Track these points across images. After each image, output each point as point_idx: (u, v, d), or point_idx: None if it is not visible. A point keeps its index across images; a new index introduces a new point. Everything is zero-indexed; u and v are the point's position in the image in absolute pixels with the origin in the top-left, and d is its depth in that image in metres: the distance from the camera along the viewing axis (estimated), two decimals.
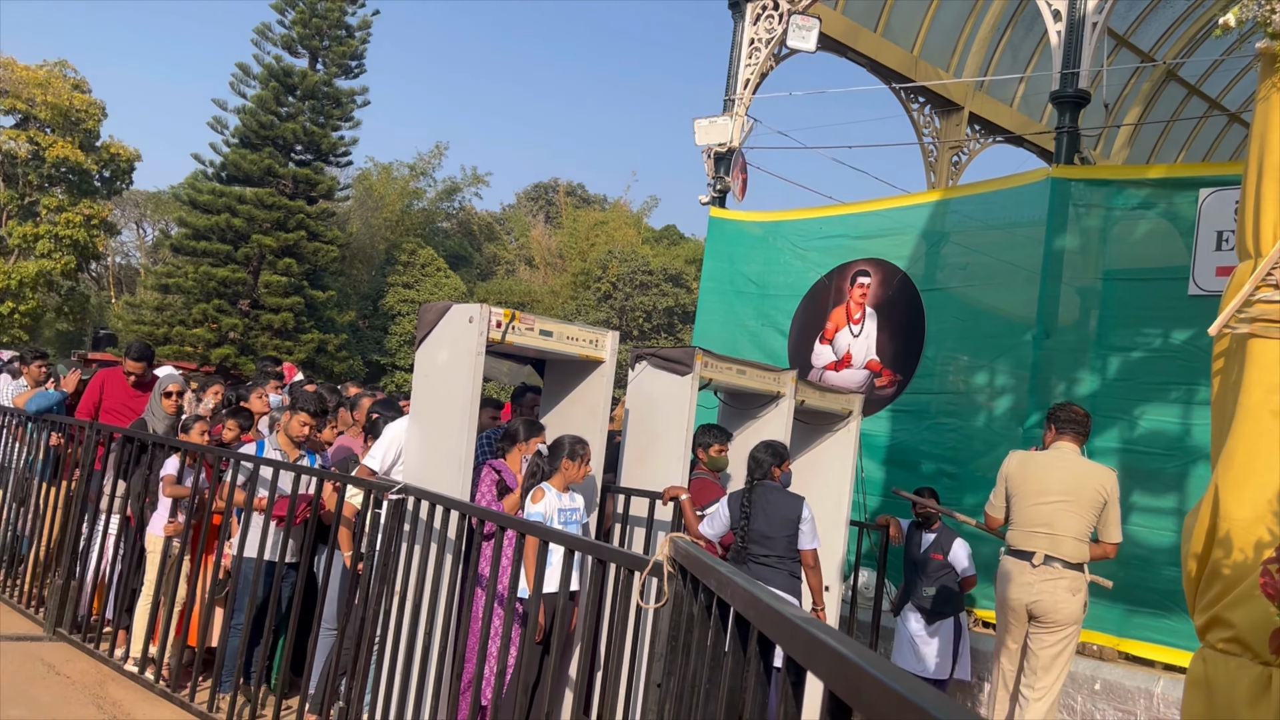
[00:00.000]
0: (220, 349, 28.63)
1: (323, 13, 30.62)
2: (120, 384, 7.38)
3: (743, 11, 9.98)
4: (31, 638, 6.34)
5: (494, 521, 4.16)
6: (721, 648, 2.03)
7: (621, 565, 3.03)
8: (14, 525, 7.40)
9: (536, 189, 60.87)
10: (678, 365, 5.97)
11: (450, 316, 5.24)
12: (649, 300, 39.66)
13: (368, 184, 42.87)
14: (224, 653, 5.42)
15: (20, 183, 36.95)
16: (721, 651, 2.02)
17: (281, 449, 5.88)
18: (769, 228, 9.88)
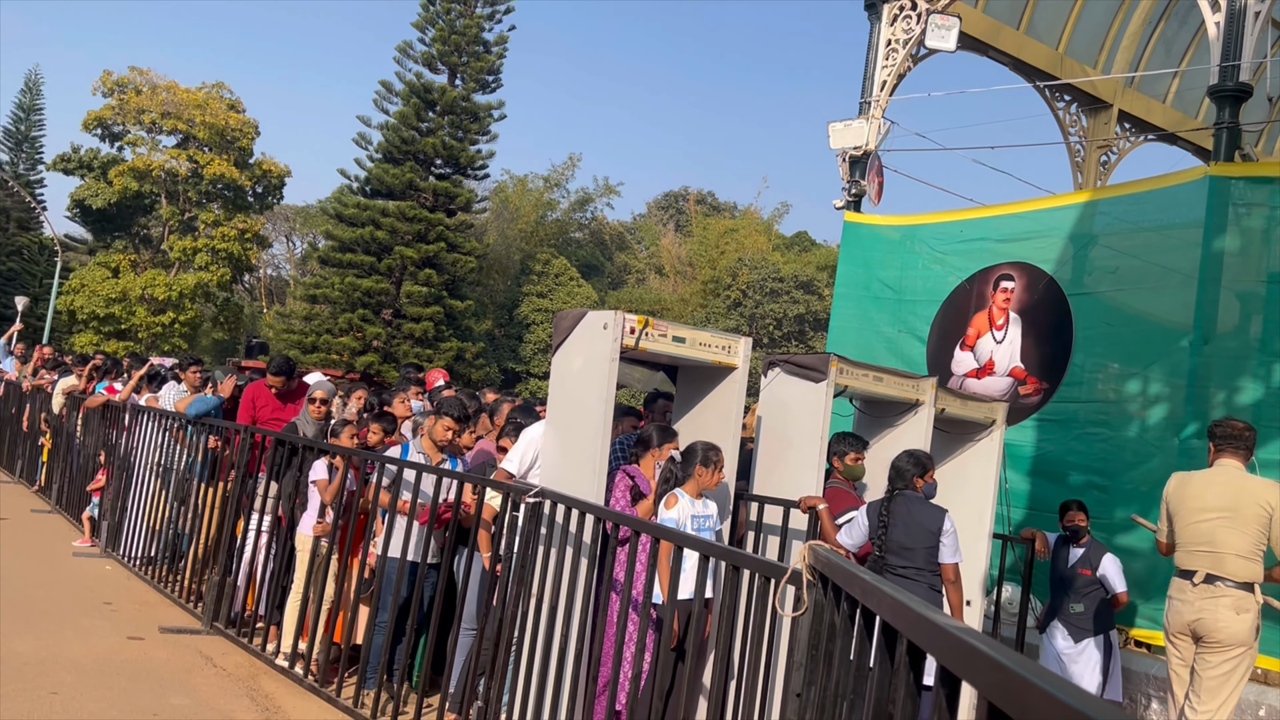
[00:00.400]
0: (364, 356, 29.67)
1: (461, 29, 31.48)
2: (268, 395, 7.72)
3: (879, 13, 9.80)
4: (190, 630, 6.67)
5: (629, 526, 4.17)
6: (867, 658, 1.98)
7: (758, 573, 2.99)
8: (175, 523, 7.82)
9: (667, 198, 61.16)
10: (812, 372, 5.89)
11: (585, 323, 5.30)
12: (779, 307, 39.32)
13: (504, 196, 43.82)
14: (368, 650, 5.59)
15: (181, 199, 39.18)
16: (866, 662, 1.97)
17: (425, 452, 6.04)
18: (906, 231, 9.66)
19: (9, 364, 16.01)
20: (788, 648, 3.32)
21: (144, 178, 38.01)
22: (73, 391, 10.82)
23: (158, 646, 6.19)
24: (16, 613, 6.47)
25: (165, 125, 37.92)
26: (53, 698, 4.98)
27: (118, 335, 36.45)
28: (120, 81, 38.54)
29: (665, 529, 4.12)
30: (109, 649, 5.97)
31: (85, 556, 8.72)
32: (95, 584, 7.68)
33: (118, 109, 38.49)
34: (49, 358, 13.85)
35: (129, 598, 7.37)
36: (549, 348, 38.25)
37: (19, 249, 46.87)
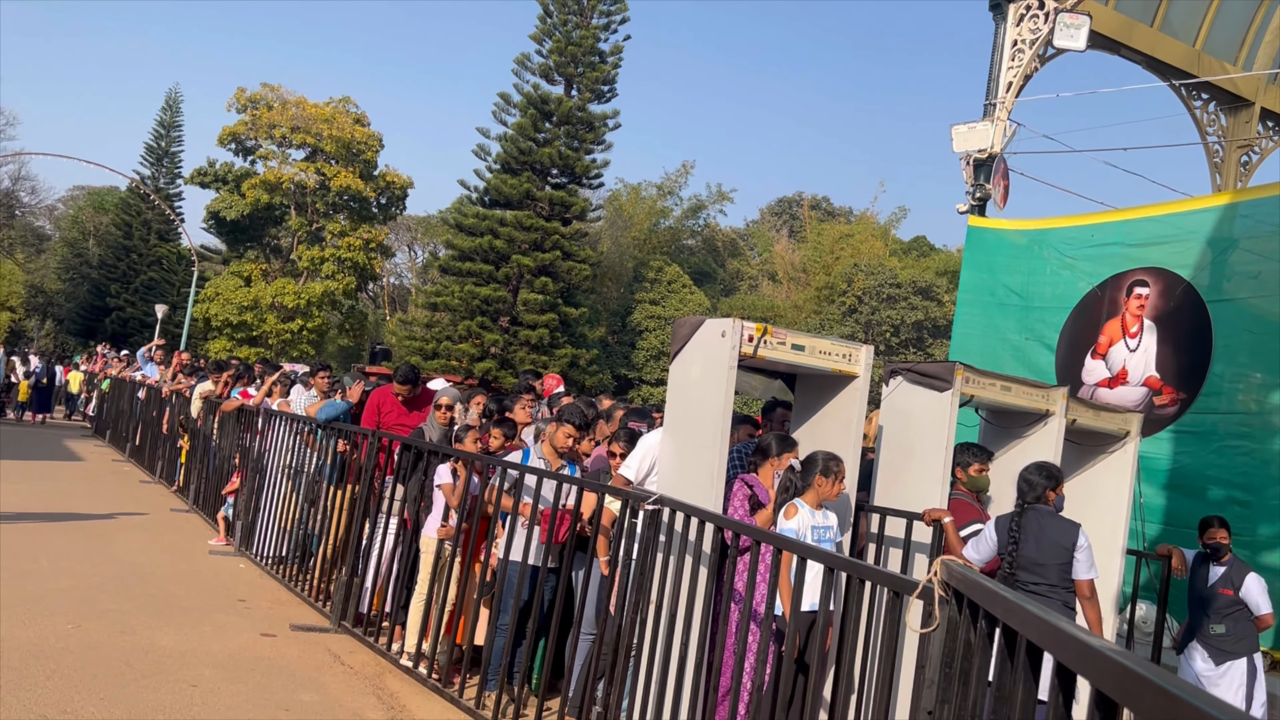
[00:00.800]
0: (482, 363, 30.25)
1: (578, 40, 31.87)
2: (393, 401, 7.93)
3: (1004, 13, 9.54)
4: (319, 629, 6.89)
5: (750, 535, 4.14)
6: (1009, 677, 1.90)
7: (887, 587, 2.92)
8: (305, 524, 8.09)
9: (780, 203, 60.76)
10: (937, 381, 5.75)
11: (703, 331, 5.28)
12: (897, 314, 38.60)
13: (617, 204, 44.17)
14: (489, 652, 5.68)
15: (309, 210, 40.67)
16: (1008, 682, 1.90)
17: (545, 458, 6.11)
18: (1034, 236, 9.37)
19: (151, 369, 16.86)
20: (915, 664, 3.24)
21: (275, 190, 39.59)
22: (209, 396, 11.32)
23: (289, 643, 6.41)
24: (159, 607, 6.79)
25: (295, 139, 39.45)
26: (192, 690, 5.20)
27: (249, 342, 38.00)
28: (253, 98, 40.24)
29: (789, 540, 4.07)
30: (243, 645, 6.21)
31: (220, 555, 9.10)
32: (230, 581, 8.00)
33: (250, 124, 40.19)
34: (187, 363, 14.52)
35: (261, 595, 7.66)
36: (661, 354, 38.49)
37: (159, 259, 49.30)
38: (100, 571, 7.62)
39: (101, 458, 16.67)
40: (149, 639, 5.98)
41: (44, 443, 18.21)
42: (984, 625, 2.10)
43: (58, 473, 13.72)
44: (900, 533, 5.71)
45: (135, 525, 10.07)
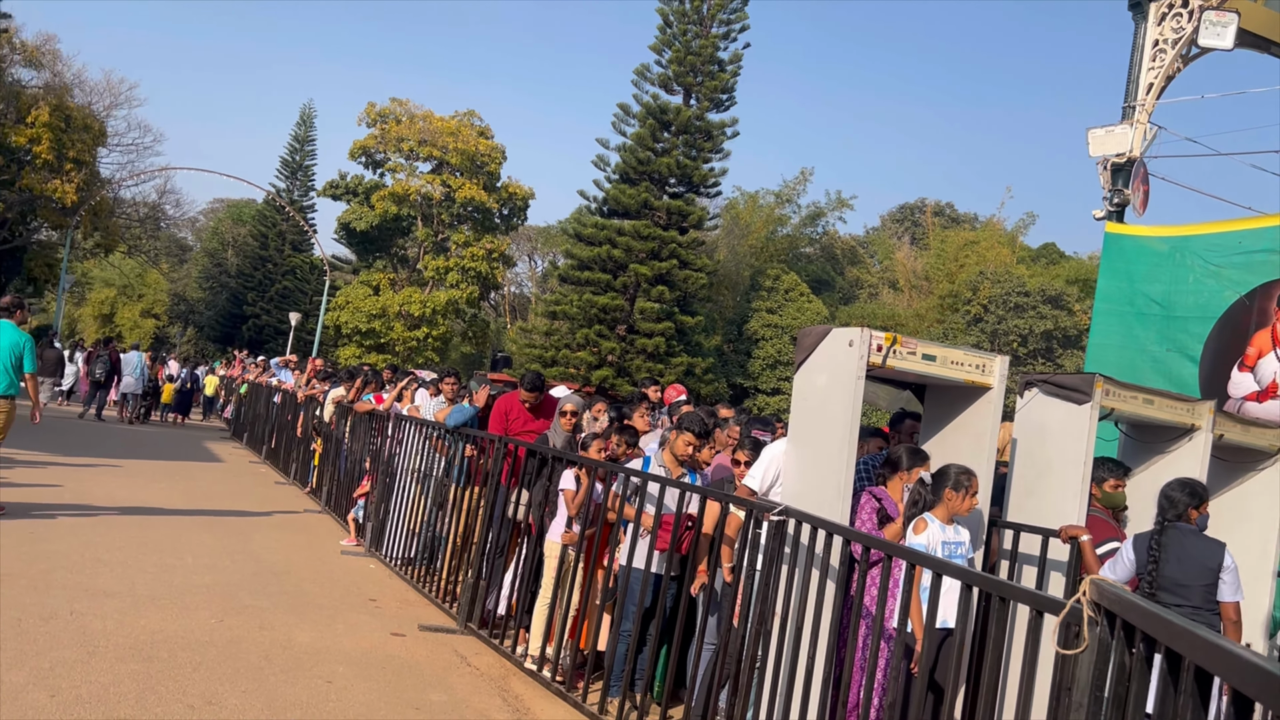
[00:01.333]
0: (600, 371, 30.52)
1: (697, 50, 31.93)
2: (519, 408, 8.05)
3: (1145, 12, 9.17)
4: (446, 630, 7.04)
5: (881, 549, 4.05)
6: (1172, 704, 1.81)
7: (1031, 606, 2.82)
8: (432, 527, 8.28)
9: (902, 210, 59.69)
10: (1075, 393, 5.55)
11: (830, 340, 5.21)
12: (1024, 323, 37.43)
13: (734, 212, 44.06)
14: (612, 658, 5.71)
15: (434, 221, 41.78)
16: (1172, 708, 1.81)
17: (666, 466, 6.12)
18: (1176, 243, 8.96)
19: (285, 375, 17.55)
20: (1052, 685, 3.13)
21: (402, 202, 40.81)
22: (342, 401, 11.71)
23: (417, 643, 6.56)
24: (295, 605, 7.04)
25: (422, 152, 40.62)
26: (328, 686, 5.37)
27: (377, 348, 39.21)
28: (383, 112, 41.59)
29: (924, 555, 3.98)
30: (374, 643, 6.39)
31: (351, 555, 9.39)
32: (361, 581, 8.25)
33: (380, 138, 41.53)
34: (320, 369, 15.06)
35: (391, 596, 7.87)
36: (778, 363, 38.21)
37: (293, 269, 51.36)
38: (240, 568, 7.95)
39: (239, 459, 17.42)
40: (286, 635, 6.20)
41: (186, 444, 19.13)
42: (1142, 648, 2.01)
43: (199, 473, 14.39)
44: (1035, 550, 5.53)
45: (271, 524, 10.48)
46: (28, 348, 8.82)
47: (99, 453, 14.46)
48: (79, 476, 11.62)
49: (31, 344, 8.91)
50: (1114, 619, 2.24)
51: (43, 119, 35.41)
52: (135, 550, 7.96)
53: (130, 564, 7.44)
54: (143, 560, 7.63)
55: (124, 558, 7.62)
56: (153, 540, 8.47)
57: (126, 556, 7.67)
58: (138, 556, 7.74)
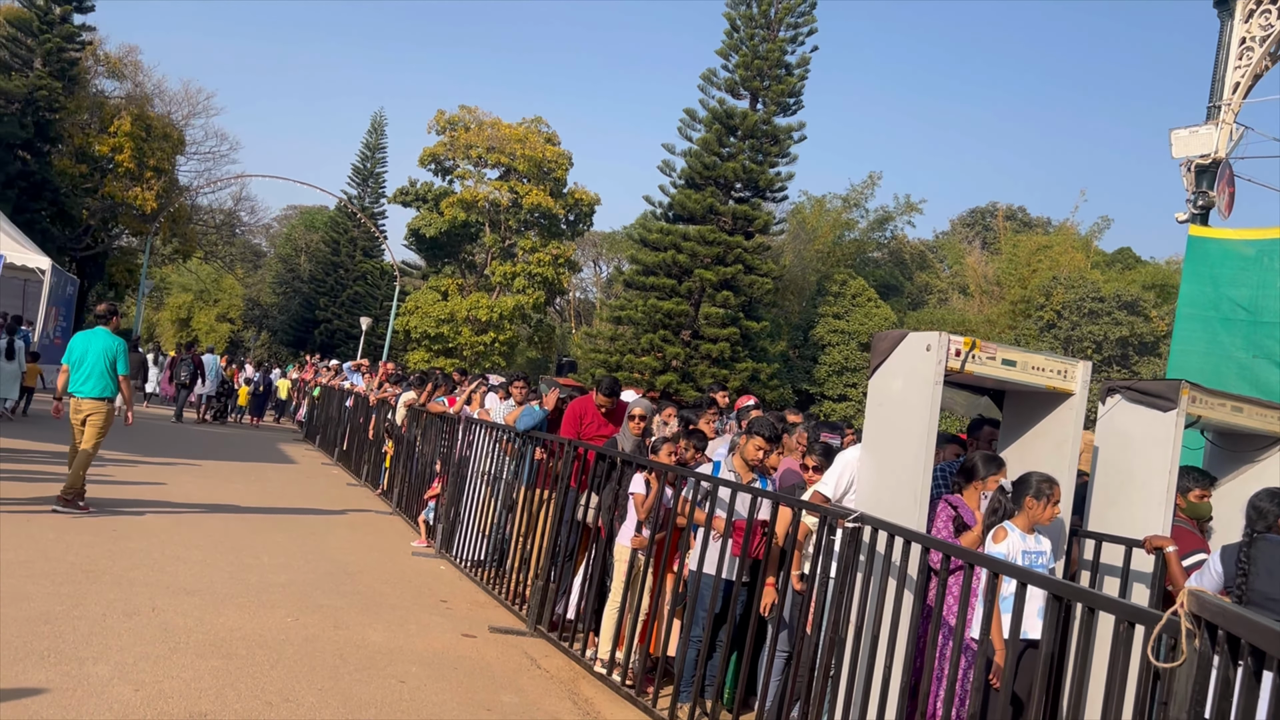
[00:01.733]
0: (664, 376, 30.50)
1: (764, 54, 31.80)
2: (594, 412, 8.06)
3: (1231, 9, 8.90)
4: (516, 632, 7.07)
5: (962, 558, 3.97)
6: None
7: (1125, 618, 2.73)
8: (502, 529, 8.33)
9: (972, 214, 58.82)
10: (1160, 400, 5.39)
11: (906, 345, 5.13)
12: (1099, 330, 36.59)
13: (801, 217, 43.78)
14: (681, 663, 5.68)
15: (502, 227, 42.18)
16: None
17: (736, 471, 6.08)
18: (1263, 246, 8.68)
19: (357, 379, 17.83)
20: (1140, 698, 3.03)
21: (470, 208, 41.29)
22: (413, 404, 11.85)
23: (488, 645, 6.60)
24: (367, 605, 7.13)
25: (490, 159, 41.06)
26: (401, 686, 5.42)
27: (446, 353, 39.68)
28: (452, 120, 42.12)
29: (1008, 564, 3.89)
30: (446, 644, 6.44)
31: (422, 556, 9.49)
32: (432, 582, 8.33)
33: (449, 145, 42.07)
34: (392, 373, 15.26)
35: (462, 597, 7.93)
36: (845, 369, 37.84)
37: (364, 274, 52.22)
38: (314, 568, 8.07)
39: (312, 461, 17.73)
40: (360, 635, 6.28)
41: (261, 446, 19.54)
42: (1251, 662, 1.93)
43: (274, 474, 14.67)
44: (1117, 560, 5.38)
45: (344, 525, 10.64)
46: (121, 352, 9.24)
47: (179, 453, 14.83)
48: (160, 476, 11.92)
49: (124, 348, 9.31)
50: (1215, 631, 2.16)
51: (124, 128, 36.54)
52: (213, 549, 8.13)
53: (209, 562, 7.60)
54: (220, 559, 7.80)
55: (203, 556, 7.79)
56: (230, 539, 8.65)
57: (205, 555, 7.84)
58: (216, 555, 7.91)
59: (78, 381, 8.99)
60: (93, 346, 9.07)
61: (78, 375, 8.99)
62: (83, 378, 8.98)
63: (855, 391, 37.53)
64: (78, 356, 9.01)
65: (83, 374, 8.98)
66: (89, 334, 9.19)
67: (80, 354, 9.02)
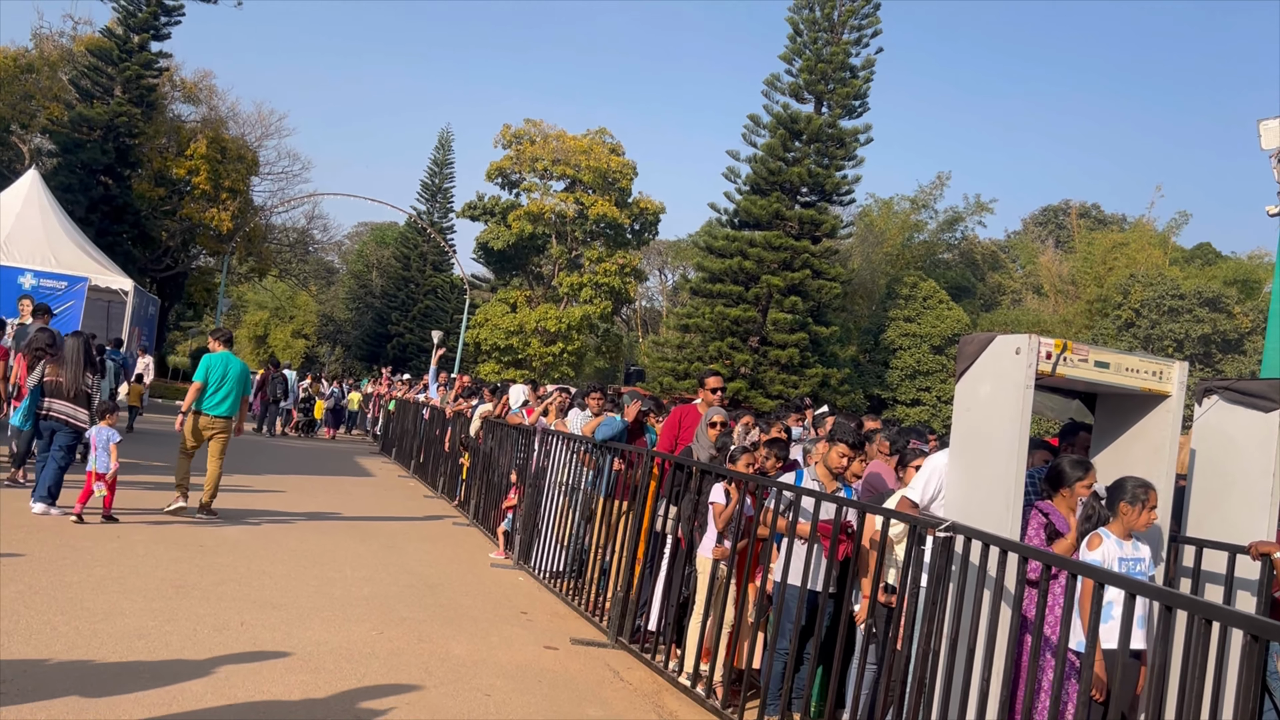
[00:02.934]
0: (733, 383, 30.37)
1: (828, 57, 31.58)
2: (694, 415, 7.96)
3: None
4: (597, 644, 7.05)
5: (1063, 567, 3.84)
6: None
7: (1247, 630, 2.61)
8: (581, 540, 8.32)
9: (1045, 213, 57.69)
10: (1261, 400, 5.18)
11: (994, 348, 5.00)
12: (1180, 327, 35.59)
13: (868, 220, 43.36)
14: (767, 676, 5.60)
15: (568, 239, 42.44)
16: None
17: (819, 479, 5.99)
18: None
19: (433, 391, 18.03)
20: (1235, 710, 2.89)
21: (537, 220, 41.63)
22: (489, 416, 11.93)
23: (570, 657, 6.59)
24: (449, 617, 7.17)
25: (555, 171, 41.38)
26: (487, 699, 5.43)
27: (516, 364, 40.02)
28: (517, 134, 42.54)
29: (1113, 574, 3.75)
30: (529, 657, 6.44)
31: (501, 568, 9.53)
32: (512, 594, 8.35)
33: (515, 159, 42.49)
34: (468, 386, 15.40)
35: (542, 609, 7.94)
36: (916, 373, 37.31)
37: (434, 288, 52.93)
38: (396, 580, 8.15)
39: (389, 473, 17.97)
40: (444, 647, 6.31)
41: (338, 459, 19.85)
42: None
43: (353, 487, 14.88)
44: (1219, 567, 5.18)
45: (423, 537, 10.74)
46: (249, 375, 10.33)
47: (263, 468, 15.13)
48: (246, 490, 12.16)
49: (249, 371, 10.37)
50: None
51: (200, 151, 37.54)
52: (297, 563, 8.26)
53: (293, 576, 7.71)
54: (304, 573, 7.91)
55: (287, 570, 7.91)
56: (312, 553, 8.78)
57: (289, 569, 7.96)
58: (299, 569, 8.02)
59: (213, 402, 9.81)
60: (231, 370, 9.92)
61: (215, 396, 9.80)
62: (219, 398, 9.82)
63: (929, 395, 36.98)
64: (216, 378, 9.83)
65: (220, 395, 9.82)
66: (225, 357, 9.99)
67: (220, 376, 9.84)
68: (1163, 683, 3.15)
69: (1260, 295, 37.24)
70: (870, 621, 5.28)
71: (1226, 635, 2.89)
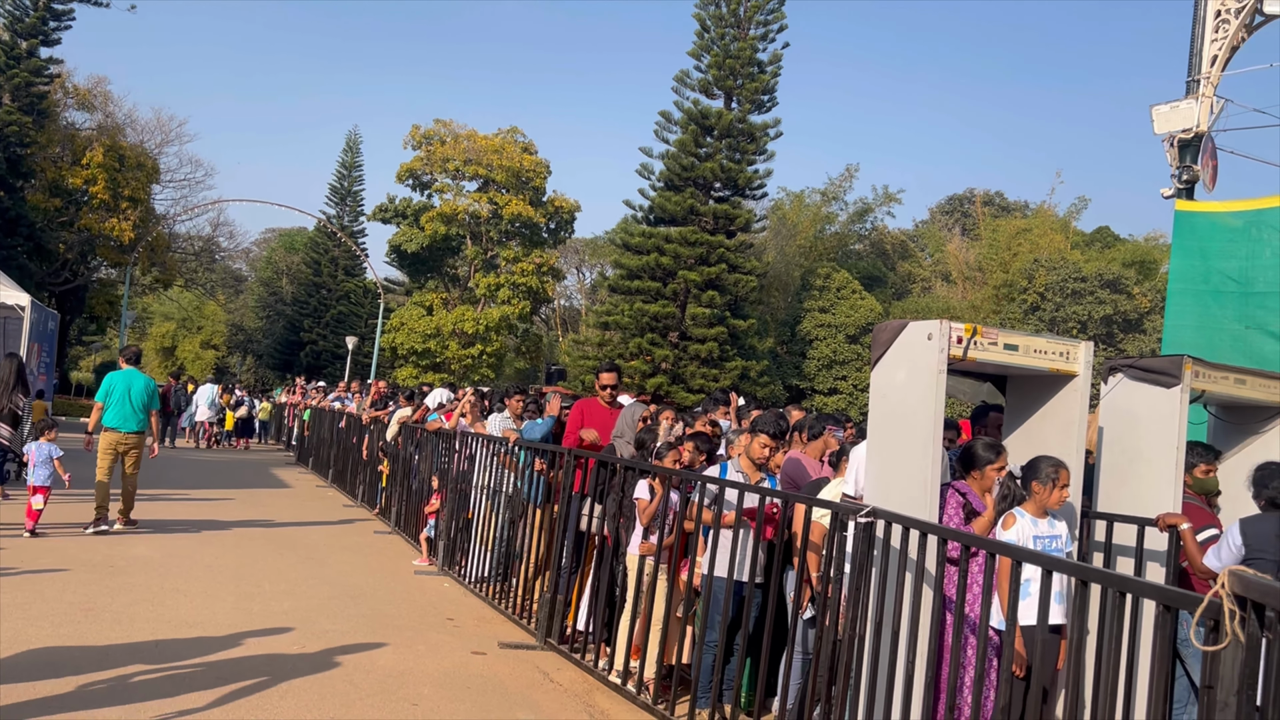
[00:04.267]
0: (654, 379, 30.48)
1: (736, 53, 31.83)
2: (597, 409, 7.95)
3: None
4: (526, 646, 6.98)
5: (983, 548, 3.91)
6: None
7: (1160, 601, 2.68)
8: (507, 543, 8.24)
9: (951, 201, 59.01)
10: (1163, 376, 5.35)
11: (907, 335, 5.07)
12: (1083, 309, 36.75)
13: (781, 213, 43.84)
14: (698, 670, 5.61)
15: (483, 239, 42.07)
16: None
17: (743, 471, 6.02)
18: (1250, 218, 8.68)
19: (349, 399, 17.70)
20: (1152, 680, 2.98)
21: (451, 221, 41.16)
22: (407, 421, 11.75)
23: (499, 661, 6.52)
24: (374, 628, 7.04)
25: (468, 171, 40.97)
26: (414, 709, 5.34)
27: (433, 368, 39.53)
28: (427, 134, 42.01)
29: (1029, 552, 3.84)
30: (457, 663, 6.35)
31: (425, 574, 9.39)
32: (437, 601, 8.24)
33: (426, 160, 41.95)
34: (384, 392, 15.15)
35: (468, 614, 7.84)
36: (833, 363, 37.84)
37: (347, 294, 52.02)
38: (317, 592, 7.98)
39: (306, 484, 17.59)
40: (369, 658, 6.19)
41: (254, 471, 19.38)
42: None
43: (270, 499, 14.54)
44: (1129, 540, 5.34)
45: (344, 547, 10.53)
46: (154, 392, 10.42)
47: (173, 482, 14.68)
48: (156, 505, 11.78)
49: (156, 388, 10.48)
50: (1262, 610, 2.11)
51: (97, 160, 36.28)
52: (213, 579, 8.03)
53: (209, 593, 7.50)
54: (221, 589, 7.69)
55: (203, 587, 7.69)
56: (229, 568, 8.55)
57: (205, 586, 7.74)
58: (216, 586, 7.80)
59: (119, 419, 9.92)
60: (134, 387, 10.03)
61: (119, 413, 9.92)
62: (124, 416, 9.94)
63: (846, 384, 37.56)
64: (118, 396, 9.91)
65: (124, 412, 9.94)
66: (127, 375, 10.09)
67: (121, 393, 9.93)
68: (1081, 655, 3.23)
69: (1158, 276, 38.67)
70: (805, 610, 5.32)
71: (1139, 606, 2.97)
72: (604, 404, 7.97)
